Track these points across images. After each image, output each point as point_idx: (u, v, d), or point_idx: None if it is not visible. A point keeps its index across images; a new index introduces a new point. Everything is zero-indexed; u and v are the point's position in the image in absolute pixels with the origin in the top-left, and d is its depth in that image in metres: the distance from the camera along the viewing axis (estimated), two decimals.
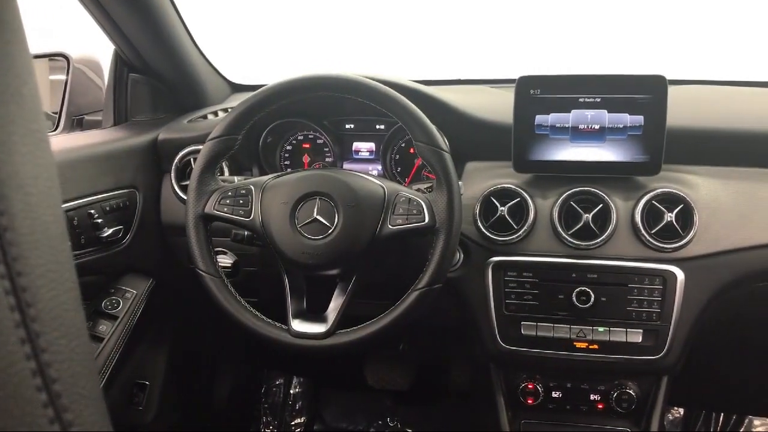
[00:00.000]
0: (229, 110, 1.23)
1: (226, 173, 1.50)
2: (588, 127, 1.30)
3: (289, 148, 1.61)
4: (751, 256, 1.29)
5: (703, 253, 1.28)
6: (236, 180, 1.28)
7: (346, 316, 1.18)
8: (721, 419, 2.21)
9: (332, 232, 1.14)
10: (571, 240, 1.30)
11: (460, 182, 1.19)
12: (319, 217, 1.15)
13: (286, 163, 1.62)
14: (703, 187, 1.33)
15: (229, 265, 1.46)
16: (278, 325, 1.18)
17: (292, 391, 2.35)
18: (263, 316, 1.19)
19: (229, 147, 1.20)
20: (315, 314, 1.20)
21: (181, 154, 1.50)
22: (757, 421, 2.20)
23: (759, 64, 1.81)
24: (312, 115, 1.56)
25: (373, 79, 1.19)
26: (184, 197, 1.33)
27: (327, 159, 1.60)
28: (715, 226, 1.29)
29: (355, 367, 2.14)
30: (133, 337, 1.51)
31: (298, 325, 1.17)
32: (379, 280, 1.37)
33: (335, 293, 1.20)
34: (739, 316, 1.48)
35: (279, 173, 1.25)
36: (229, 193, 1.19)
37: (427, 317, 1.20)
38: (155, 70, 1.60)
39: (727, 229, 1.29)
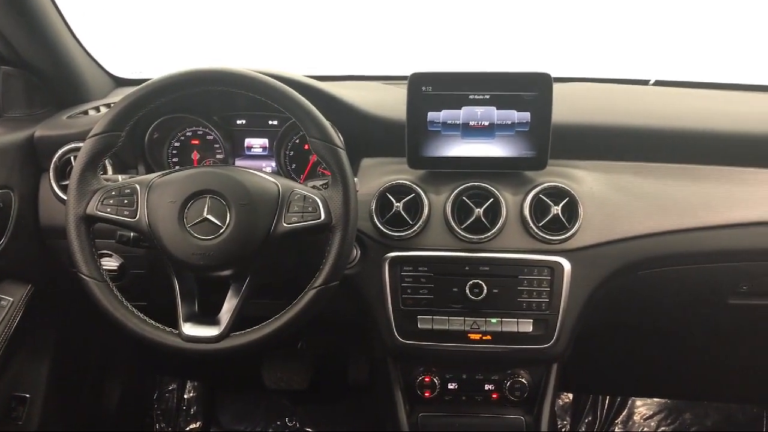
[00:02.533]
0: (112, 105, 1.17)
1: (110, 172, 1.43)
2: (478, 123, 1.33)
3: (177, 144, 1.55)
4: (632, 246, 1.36)
5: (588, 244, 1.34)
6: (120, 179, 1.22)
7: (240, 318, 1.15)
8: (607, 402, 2.33)
9: (224, 231, 1.10)
10: (464, 234, 1.33)
11: (355, 178, 1.18)
12: (209, 217, 1.11)
13: (174, 160, 1.56)
14: (587, 180, 1.39)
15: (115, 268, 1.40)
16: (168, 329, 1.13)
17: (186, 396, 2.29)
18: (152, 321, 1.14)
19: (112, 144, 1.14)
20: (208, 317, 1.16)
21: (60, 152, 1.43)
22: (639, 402, 2.33)
23: (637, 63, 1.91)
24: (201, 110, 1.51)
25: (265, 74, 1.16)
26: (65, 198, 1.25)
27: (218, 156, 1.55)
28: (599, 217, 1.35)
29: (252, 368, 2.10)
30: (9, 347, 1.42)
31: (190, 329, 1.13)
32: (274, 280, 1.35)
33: (228, 294, 1.16)
34: (623, 303, 1.56)
35: (166, 171, 1.20)
36: (113, 193, 1.13)
37: (325, 314, 1.18)
38: (29, 62, 1.50)
39: (609, 220, 1.35)
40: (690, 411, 2.29)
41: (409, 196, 1.34)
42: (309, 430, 2.23)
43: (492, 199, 1.33)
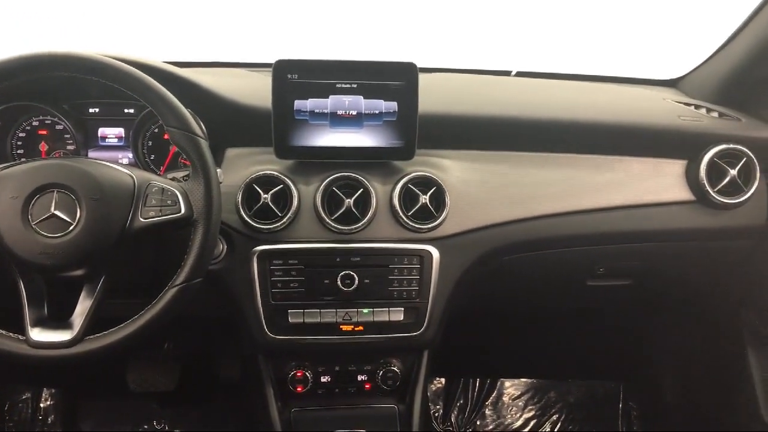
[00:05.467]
0: None
1: None
2: (346, 112, 1.31)
3: (22, 135, 1.43)
4: (497, 233, 1.41)
5: (455, 231, 1.37)
6: None
7: (97, 320, 1.07)
8: (477, 384, 2.41)
9: (74, 228, 1.03)
10: (335, 225, 1.31)
11: (219, 170, 1.14)
12: (57, 212, 1.03)
13: (19, 152, 1.43)
14: (454, 170, 1.42)
15: None
16: (13, 335, 1.04)
17: (42, 405, 2.13)
18: None
19: None
20: (59, 321, 1.07)
21: None
22: (507, 383, 2.43)
23: (499, 55, 1.97)
24: (49, 97, 1.40)
25: (119, 59, 1.09)
26: None
27: (69, 147, 1.44)
28: (464, 206, 1.38)
29: (116, 371, 1.99)
30: None
31: (39, 334, 1.04)
32: (133, 278, 1.28)
33: (81, 295, 1.08)
34: (490, 289, 1.61)
35: (8, 164, 1.10)
36: None
37: (192, 312, 1.13)
38: None
39: (475, 208, 1.39)
40: (554, 389, 2.42)
41: (277, 188, 1.31)
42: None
43: (362, 190, 1.33)
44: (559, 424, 2.36)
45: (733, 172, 1.46)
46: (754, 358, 1.71)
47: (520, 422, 2.36)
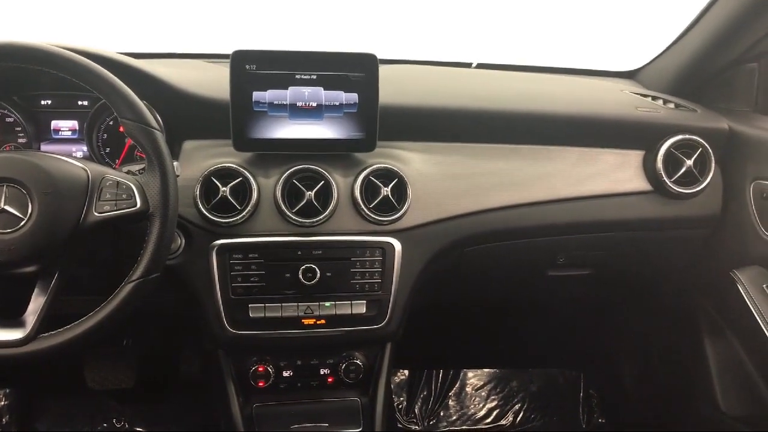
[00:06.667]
0: None
1: None
2: (306, 104, 1.30)
3: None
4: (459, 224, 1.41)
5: (417, 223, 1.37)
6: None
7: (51, 317, 1.04)
8: (440, 376, 2.42)
9: (25, 223, 0.99)
10: (296, 218, 1.30)
11: (176, 162, 1.12)
12: (7, 207, 0.99)
13: None
14: (415, 161, 1.41)
15: None
16: None
17: None
18: None
19: None
20: (10, 318, 1.04)
21: None
22: (470, 373, 2.45)
23: (460, 47, 1.97)
24: None
25: (71, 50, 1.06)
26: None
27: (20, 140, 1.39)
28: (426, 198, 1.38)
29: (73, 369, 1.95)
30: None
31: None
32: (89, 274, 1.24)
33: (34, 292, 1.05)
34: (453, 280, 1.62)
35: None
36: None
37: (150, 307, 1.11)
38: None
39: (436, 200, 1.39)
40: (516, 379, 2.44)
41: (236, 180, 1.29)
42: (139, 429, 2.11)
43: (323, 182, 1.31)
44: (522, 413, 2.38)
45: (689, 162, 1.49)
46: (711, 346, 1.75)
47: (483, 412, 2.38)
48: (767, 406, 1.58)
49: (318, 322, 1.34)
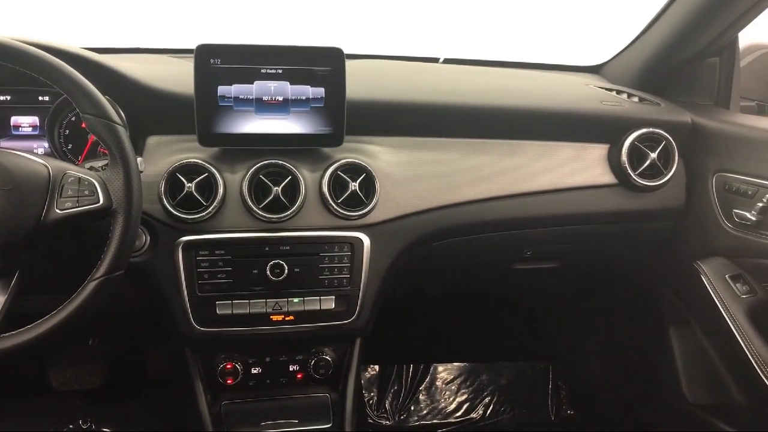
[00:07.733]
0: None
1: None
2: (272, 98, 1.29)
3: None
4: (427, 219, 1.41)
5: (385, 218, 1.36)
6: None
7: (11, 317, 1.02)
8: (411, 370, 2.43)
9: None
10: (263, 214, 1.29)
11: (140, 158, 1.10)
12: None
13: None
14: (383, 156, 1.41)
15: None
16: None
17: None
18: None
19: None
20: None
21: None
22: (440, 368, 2.46)
23: (427, 42, 1.97)
24: None
25: (30, 44, 1.03)
26: None
27: None
28: (394, 192, 1.37)
29: (36, 369, 1.91)
30: None
31: None
32: (52, 272, 1.22)
33: None
34: (422, 275, 1.62)
35: None
36: None
37: (116, 306, 1.09)
38: None
39: (404, 195, 1.39)
40: (486, 372, 2.46)
41: (202, 176, 1.27)
42: (106, 430, 2.07)
43: (290, 177, 1.30)
44: (492, 406, 2.40)
45: (653, 155, 1.51)
46: (676, 338, 1.78)
47: (453, 405, 2.39)
48: (730, 394, 1.62)
49: (286, 318, 1.33)
